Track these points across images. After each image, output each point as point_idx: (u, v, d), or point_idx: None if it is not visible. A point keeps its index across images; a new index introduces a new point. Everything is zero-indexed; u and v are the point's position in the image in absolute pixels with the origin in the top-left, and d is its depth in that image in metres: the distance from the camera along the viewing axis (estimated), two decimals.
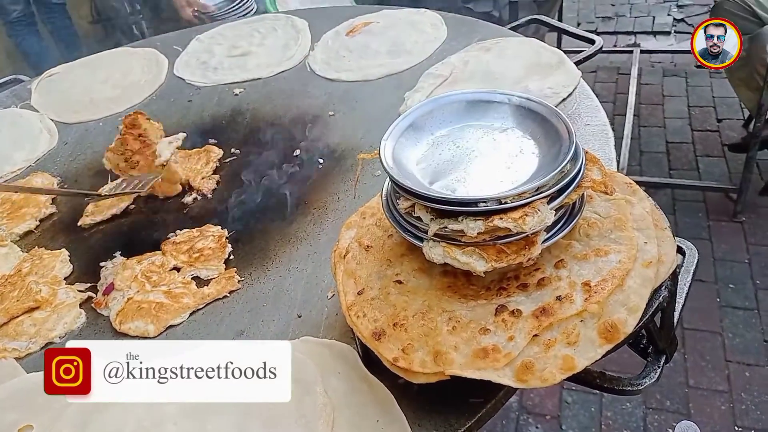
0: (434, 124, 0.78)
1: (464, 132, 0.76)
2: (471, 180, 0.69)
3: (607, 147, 1.00)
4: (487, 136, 0.75)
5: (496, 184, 0.67)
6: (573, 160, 0.66)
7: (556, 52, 1.28)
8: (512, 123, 0.75)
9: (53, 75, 1.71)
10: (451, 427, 0.66)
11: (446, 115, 0.78)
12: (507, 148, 0.72)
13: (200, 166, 1.24)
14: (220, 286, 0.94)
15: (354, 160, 1.19)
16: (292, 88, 1.48)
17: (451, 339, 0.62)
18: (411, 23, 1.57)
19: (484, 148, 0.73)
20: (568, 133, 0.68)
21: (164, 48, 1.75)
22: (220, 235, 1.04)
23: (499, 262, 0.63)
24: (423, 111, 0.78)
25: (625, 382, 0.67)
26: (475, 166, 0.71)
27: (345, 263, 0.77)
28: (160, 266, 0.99)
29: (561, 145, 0.68)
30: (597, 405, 2.03)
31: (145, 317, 0.89)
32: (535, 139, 0.72)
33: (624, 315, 0.61)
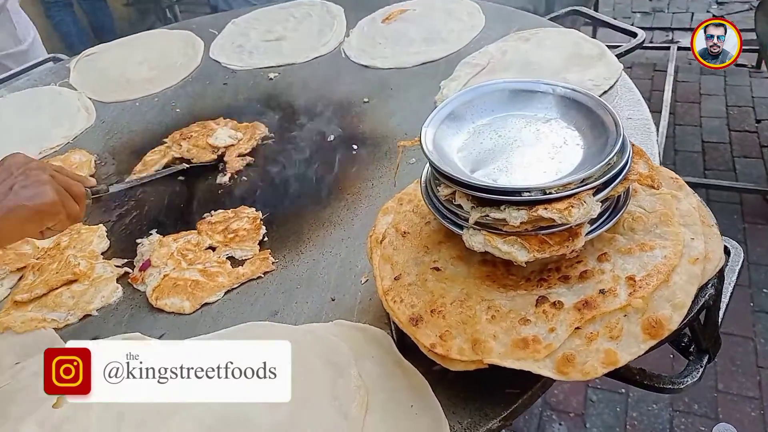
0: (475, 112, 0.77)
1: (506, 121, 0.75)
2: (513, 169, 0.68)
3: (649, 141, 0.98)
4: (530, 126, 0.74)
5: (540, 175, 0.66)
6: (620, 153, 0.65)
7: (597, 43, 1.25)
8: (556, 114, 0.74)
9: (91, 54, 1.73)
10: (486, 416, 0.65)
11: (488, 104, 0.77)
12: (551, 139, 0.71)
13: (242, 141, 1.27)
14: (255, 267, 0.94)
15: (388, 147, 1.18)
16: (327, 74, 1.48)
17: (490, 328, 0.62)
18: (448, 11, 1.55)
19: (526, 138, 0.72)
20: (616, 125, 0.66)
21: (200, 31, 1.76)
22: (255, 216, 1.05)
23: (541, 253, 0.62)
24: (464, 99, 0.77)
25: (666, 380, 0.65)
26: (518, 156, 0.70)
27: (382, 248, 0.76)
28: (196, 245, 1.00)
29: (608, 137, 0.66)
30: (623, 405, 2.01)
31: (181, 294, 0.90)
32: (580, 130, 0.71)
33: (669, 311, 0.59)
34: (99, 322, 0.93)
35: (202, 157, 1.24)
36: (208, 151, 1.25)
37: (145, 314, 0.92)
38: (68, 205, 0.87)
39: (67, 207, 0.87)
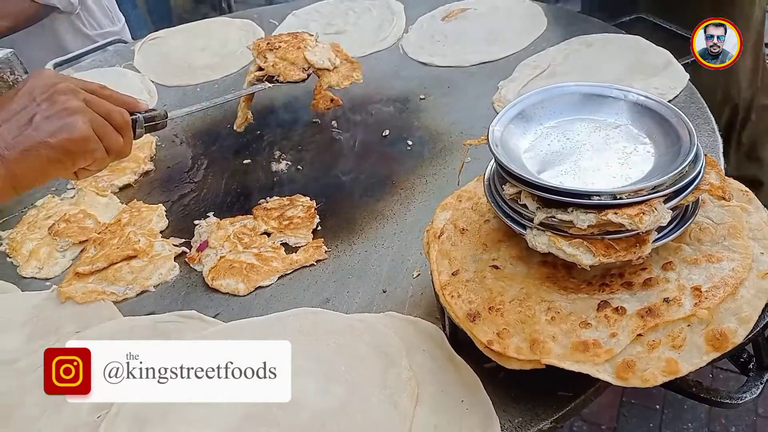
0: (544, 114, 0.77)
1: (575, 125, 0.75)
2: (581, 173, 0.68)
3: (715, 153, 0.96)
4: (600, 131, 0.73)
5: (608, 179, 0.66)
6: (693, 162, 0.64)
7: (662, 52, 1.23)
8: (627, 120, 0.74)
9: (155, 39, 1.78)
10: (538, 417, 0.66)
11: (557, 106, 0.77)
12: (620, 144, 0.70)
13: (338, 71, 1.19)
14: (308, 255, 0.96)
15: (443, 145, 1.19)
16: (384, 69, 1.49)
17: (549, 329, 0.62)
18: (509, 12, 1.55)
19: (595, 143, 0.72)
20: (689, 135, 0.66)
21: (260, 21, 1.79)
22: (309, 205, 1.07)
23: (607, 258, 0.62)
24: (534, 100, 0.77)
25: (724, 394, 0.64)
26: (586, 160, 0.69)
27: (439, 243, 0.77)
28: (252, 230, 1.02)
29: (681, 146, 0.66)
30: (656, 422, 1.97)
31: (236, 276, 0.93)
32: (651, 138, 0.71)
33: (734, 324, 0.58)
34: (156, 298, 0.96)
35: (290, 74, 1.08)
36: (297, 67, 1.09)
37: (200, 293, 0.95)
38: (108, 138, 0.73)
39: (107, 140, 0.73)
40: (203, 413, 0.71)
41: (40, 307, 0.94)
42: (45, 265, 1.05)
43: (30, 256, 1.07)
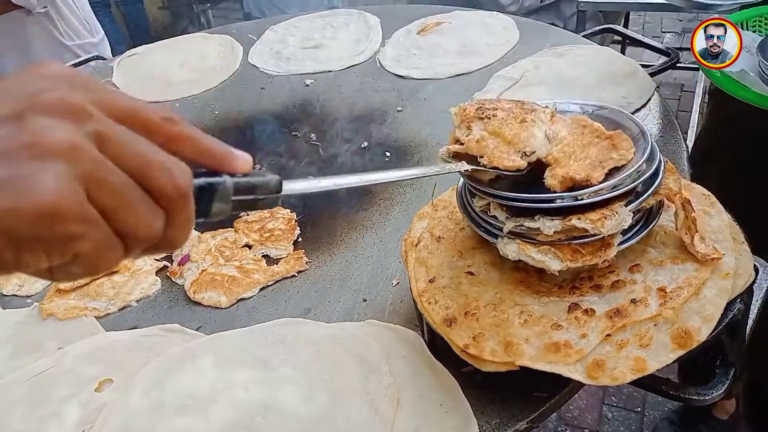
0: None
1: None
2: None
3: (681, 160, 1.00)
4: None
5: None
6: (649, 161, 0.67)
7: (630, 61, 1.27)
8: None
9: (134, 55, 1.79)
10: (515, 417, 0.68)
11: None
12: None
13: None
14: (289, 266, 0.98)
15: (420, 156, 1.21)
16: (362, 82, 1.52)
17: (522, 331, 0.64)
18: (483, 25, 1.58)
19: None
20: (642, 134, 0.69)
21: (239, 36, 1.81)
22: (290, 217, 1.08)
23: (574, 262, 0.65)
24: None
25: (692, 391, 0.67)
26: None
27: (416, 252, 0.79)
28: (233, 242, 1.04)
29: (636, 147, 0.68)
30: (638, 424, 2.00)
31: (218, 288, 0.94)
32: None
33: (698, 323, 0.61)
34: (138, 313, 0.96)
35: (500, 158, 0.67)
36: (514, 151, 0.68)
37: (182, 307, 0.96)
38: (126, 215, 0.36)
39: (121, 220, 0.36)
40: (188, 424, 0.72)
41: (22, 324, 0.94)
42: (26, 283, 1.05)
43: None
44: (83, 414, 0.76)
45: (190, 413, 0.73)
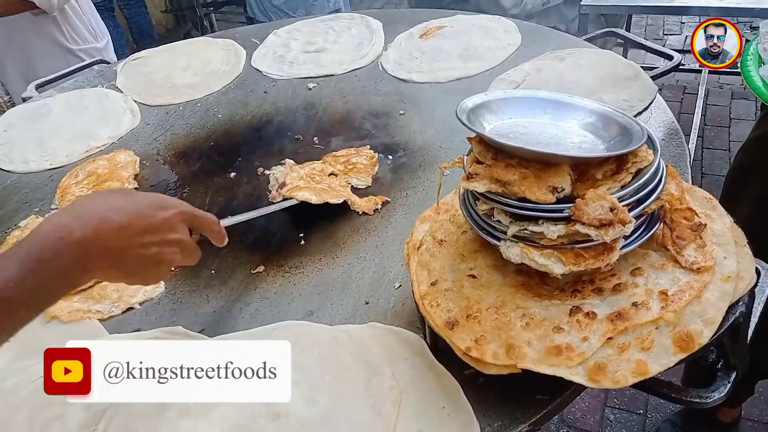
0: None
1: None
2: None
3: (683, 163, 1.00)
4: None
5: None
6: (654, 173, 0.67)
7: (632, 65, 1.28)
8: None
9: (138, 59, 1.80)
10: (516, 420, 0.68)
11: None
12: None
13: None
14: (370, 203, 1.10)
15: (423, 159, 1.22)
16: (364, 86, 1.52)
17: (524, 334, 0.64)
18: (485, 29, 1.59)
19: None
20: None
21: (243, 40, 1.82)
22: (372, 156, 1.23)
23: (577, 266, 0.65)
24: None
25: (694, 393, 0.67)
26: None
27: (419, 255, 0.79)
28: (320, 171, 1.17)
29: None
30: (640, 426, 2.00)
31: (311, 191, 1.08)
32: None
33: (700, 326, 0.61)
34: (141, 315, 0.97)
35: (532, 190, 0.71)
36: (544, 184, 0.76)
37: (185, 309, 0.96)
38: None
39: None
40: (191, 426, 0.72)
41: (26, 327, 0.95)
42: None
43: None
44: (87, 416, 0.77)
45: (194, 415, 0.73)
